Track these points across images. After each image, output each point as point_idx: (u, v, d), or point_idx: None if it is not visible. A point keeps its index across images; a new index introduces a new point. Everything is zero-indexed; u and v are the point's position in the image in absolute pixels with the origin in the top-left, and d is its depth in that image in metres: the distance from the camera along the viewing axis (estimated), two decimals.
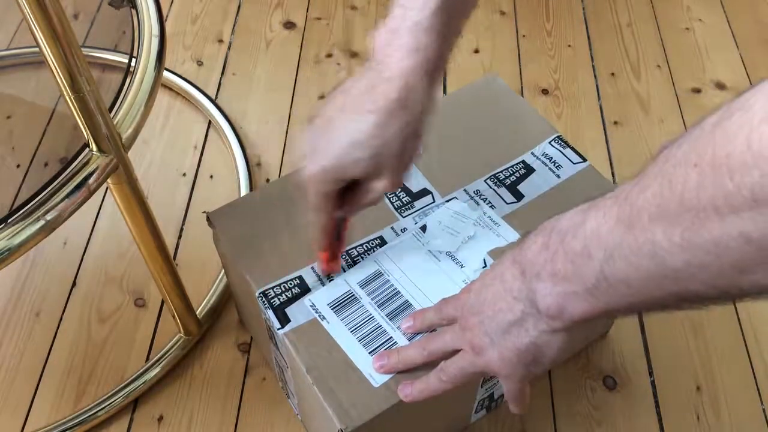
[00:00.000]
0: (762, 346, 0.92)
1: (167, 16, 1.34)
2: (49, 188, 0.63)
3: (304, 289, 0.69)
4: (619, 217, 0.39)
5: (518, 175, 0.78)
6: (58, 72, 0.59)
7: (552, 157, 0.79)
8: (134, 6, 0.76)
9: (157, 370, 0.88)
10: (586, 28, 1.31)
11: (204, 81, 1.23)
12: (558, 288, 0.44)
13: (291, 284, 0.70)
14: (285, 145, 1.14)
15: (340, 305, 0.68)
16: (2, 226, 0.60)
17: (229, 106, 1.19)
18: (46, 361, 0.92)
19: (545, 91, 1.21)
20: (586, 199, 0.43)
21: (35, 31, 0.56)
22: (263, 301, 0.69)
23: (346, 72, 1.24)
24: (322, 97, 1.21)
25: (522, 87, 1.22)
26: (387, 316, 0.67)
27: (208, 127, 1.17)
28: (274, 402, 0.88)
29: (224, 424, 0.86)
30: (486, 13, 1.34)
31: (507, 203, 0.75)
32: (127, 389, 0.87)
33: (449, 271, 0.70)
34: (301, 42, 1.29)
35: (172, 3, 1.36)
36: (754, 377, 0.90)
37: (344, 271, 0.70)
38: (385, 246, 0.72)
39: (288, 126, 1.17)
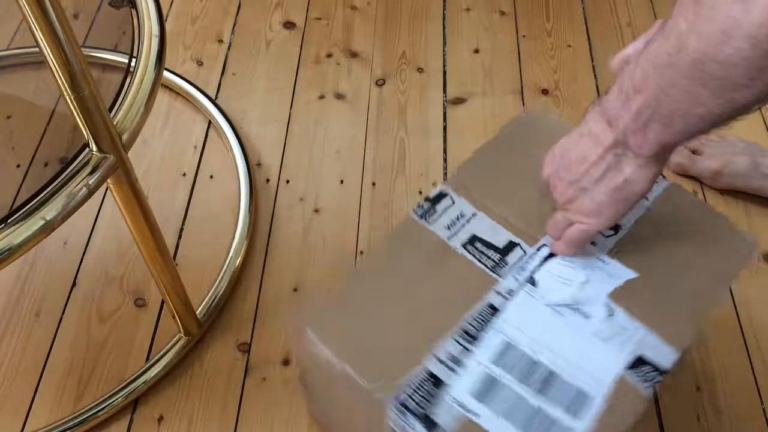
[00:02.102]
0: (762, 347, 0.92)
1: (167, 16, 1.34)
2: (49, 188, 0.63)
3: (437, 382, 0.60)
4: (666, 47, 0.46)
5: None
6: (58, 72, 0.59)
7: None
8: (134, 6, 0.76)
9: (157, 370, 0.88)
10: (586, 28, 1.31)
11: (204, 81, 1.23)
12: (639, 122, 0.51)
13: (420, 380, 0.60)
14: (285, 145, 1.14)
15: (483, 393, 0.59)
16: (2, 226, 0.60)
17: (229, 106, 1.19)
18: (46, 361, 0.92)
19: (545, 91, 1.21)
20: (679, 216, 0.49)
21: (35, 31, 0.56)
22: (400, 409, 0.59)
23: (346, 72, 1.24)
24: (322, 97, 1.21)
25: (522, 87, 1.22)
26: (538, 392, 0.59)
27: (208, 127, 1.17)
28: (274, 402, 0.88)
29: (224, 424, 0.86)
30: (486, 13, 1.34)
31: (606, 236, 0.70)
32: (127, 389, 0.87)
33: (578, 326, 0.63)
34: (301, 42, 1.29)
35: (172, 3, 1.36)
36: (754, 377, 0.90)
37: (467, 350, 0.62)
38: (499, 313, 0.64)
39: (288, 126, 1.17)
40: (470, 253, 0.67)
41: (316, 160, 1.12)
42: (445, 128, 1.16)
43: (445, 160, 1.12)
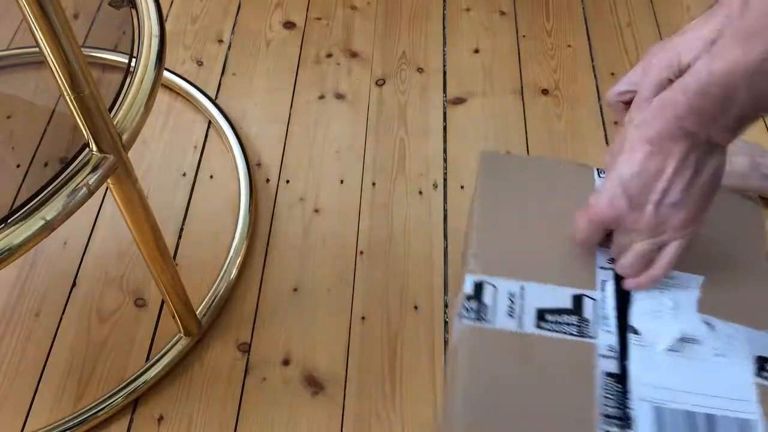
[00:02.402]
0: None
1: (167, 16, 1.34)
2: (49, 188, 0.63)
3: None
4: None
5: None
6: (58, 72, 0.59)
7: None
8: (134, 6, 0.76)
9: (157, 370, 0.88)
10: (586, 28, 1.31)
11: (204, 81, 1.23)
12: (737, 122, 0.51)
13: None
14: (285, 145, 1.14)
15: None
16: (2, 226, 0.60)
17: (229, 106, 1.19)
18: (46, 361, 0.92)
19: (545, 91, 1.21)
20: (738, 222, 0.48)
21: (35, 31, 0.56)
22: None
23: (346, 72, 1.24)
24: (322, 97, 1.21)
25: (522, 87, 1.22)
26: None
27: (208, 127, 1.17)
28: (274, 402, 0.88)
29: (224, 424, 0.86)
30: (486, 13, 1.34)
31: None
32: (127, 389, 0.87)
33: (697, 355, 0.61)
34: (301, 42, 1.30)
35: (172, 3, 1.36)
36: None
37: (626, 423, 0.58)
38: (624, 378, 0.60)
39: (288, 126, 1.17)
40: (549, 330, 0.62)
41: (316, 160, 1.12)
42: (445, 128, 1.16)
43: (445, 160, 1.12)
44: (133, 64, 0.72)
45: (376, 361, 0.91)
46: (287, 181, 1.10)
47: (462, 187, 1.08)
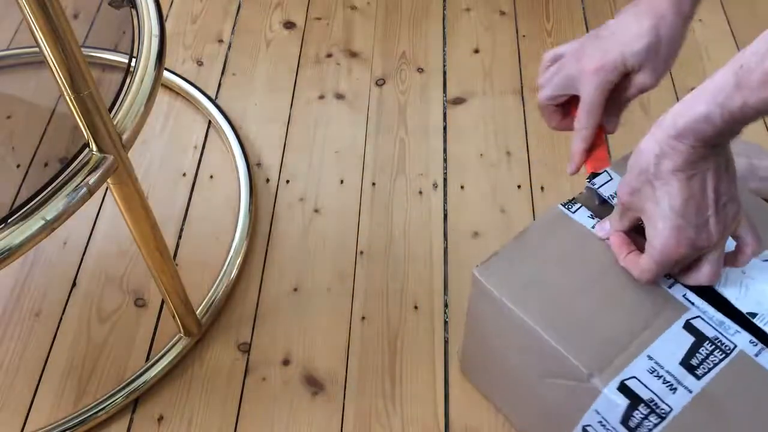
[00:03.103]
0: None
1: (167, 16, 1.34)
2: (49, 188, 0.63)
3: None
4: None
5: None
6: (58, 72, 0.59)
7: None
8: (134, 6, 0.76)
9: (157, 370, 0.88)
10: (586, 28, 1.31)
11: (204, 81, 1.23)
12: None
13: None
14: (285, 145, 1.14)
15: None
16: (2, 226, 0.60)
17: (229, 106, 1.19)
18: (46, 361, 0.92)
19: None
20: None
21: (35, 31, 0.56)
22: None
23: (347, 72, 1.24)
24: (322, 97, 1.21)
25: (522, 87, 1.22)
26: None
27: (208, 127, 1.17)
28: (274, 402, 0.88)
29: (224, 424, 0.86)
30: (486, 13, 1.34)
31: None
32: (127, 389, 0.87)
33: None
34: (301, 42, 1.29)
35: (172, 3, 1.36)
36: None
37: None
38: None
39: (288, 126, 1.17)
40: (706, 371, 0.61)
41: (316, 160, 1.12)
42: (445, 128, 1.16)
43: (445, 160, 1.12)
44: (133, 64, 0.72)
45: (376, 361, 0.91)
46: (287, 181, 1.10)
47: (462, 187, 1.08)
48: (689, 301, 0.64)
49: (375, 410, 0.87)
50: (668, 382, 0.60)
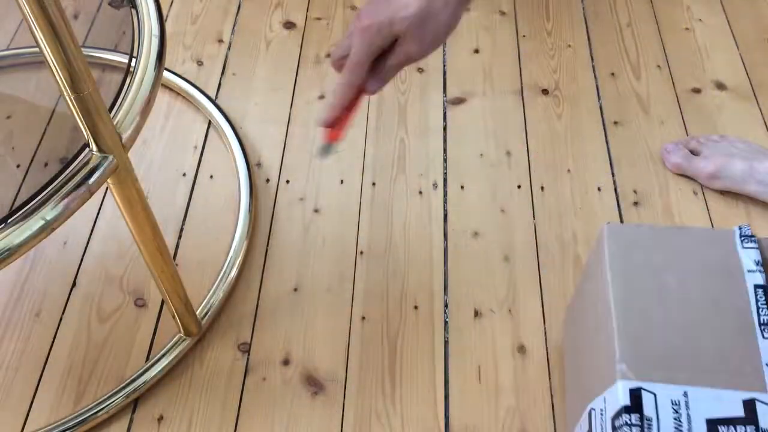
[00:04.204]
0: None
1: (167, 16, 1.34)
2: (49, 188, 0.63)
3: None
4: None
5: None
6: (58, 72, 0.59)
7: None
8: (134, 6, 0.76)
9: (157, 370, 0.88)
10: (586, 28, 1.31)
11: (204, 81, 1.23)
12: None
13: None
14: (285, 145, 1.14)
15: None
16: (2, 226, 0.60)
17: (229, 106, 1.19)
18: (46, 361, 0.92)
19: (545, 91, 1.21)
20: None
21: (35, 31, 0.56)
22: None
23: None
24: (322, 97, 1.21)
25: (522, 87, 1.22)
26: None
27: (208, 127, 1.17)
28: (274, 402, 0.88)
29: (224, 424, 0.86)
30: (486, 13, 1.34)
31: None
32: (127, 389, 0.87)
33: None
34: (301, 42, 1.30)
35: (172, 3, 1.36)
36: None
37: None
38: None
39: (288, 126, 1.17)
40: None
41: (316, 160, 1.12)
42: (445, 128, 1.16)
43: (445, 160, 1.12)
44: (133, 64, 0.72)
45: (376, 361, 0.91)
46: (287, 181, 1.10)
47: (462, 187, 1.08)
48: None
49: (375, 410, 0.87)
50: (680, 423, 0.55)
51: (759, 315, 0.60)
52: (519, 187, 1.08)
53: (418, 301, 0.96)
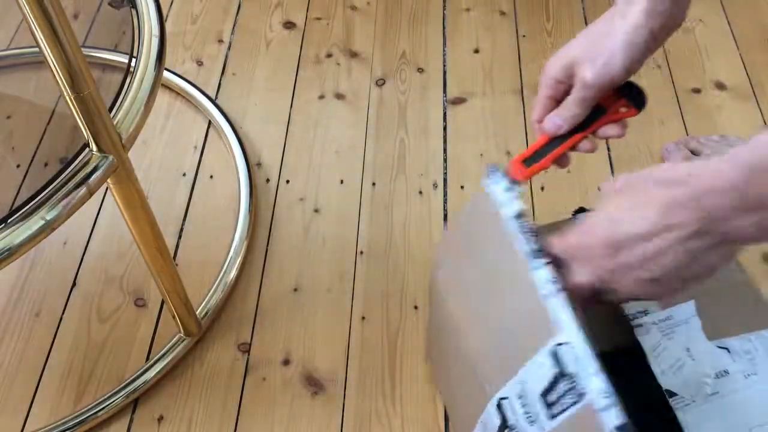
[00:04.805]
0: None
1: (167, 16, 1.34)
2: (49, 188, 0.63)
3: None
4: None
5: None
6: (58, 72, 0.59)
7: None
8: (134, 6, 0.76)
9: (157, 370, 0.88)
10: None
11: (204, 81, 1.23)
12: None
13: None
14: (285, 145, 1.14)
15: None
16: (2, 226, 0.60)
17: (229, 106, 1.19)
18: (46, 361, 0.92)
19: None
20: None
21: (35, 31, 0.56)
22: None
23: (347, 72, 1.24)
24: (322, 97, 1.21)
25: (522, 87, 1.21)
26: None
27: (208, 127, 1.17)
28: (274, 402, 0.88)
29: (224, 424, 0.86)
30: (486, 13, 1.34)
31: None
32: (127, 389, 0.87)
33: (731, 386, 0.59)
34: (301, 42, 1.29)
35: (172, 3, 1.36)
36: None
37: None
38: None
39: (288, 126, 1.17)
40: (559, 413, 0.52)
41: (316, 160, 1.12)
42: (445, 128, 1.16)
43: (445, 160, 1.12)
44: (133, 64, 0.72)
45: (376, 361, 0.91)
46: (287, 181, 1.10)
47: (462, 187, 1.08)
48: (562, 320, 0.51)
49: (375, 410, 0.87)
50: (529, 413, 0.53)
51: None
52: None
53: (418, 301, 0.96)
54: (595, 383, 0.48)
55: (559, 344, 0.50)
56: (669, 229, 0.46)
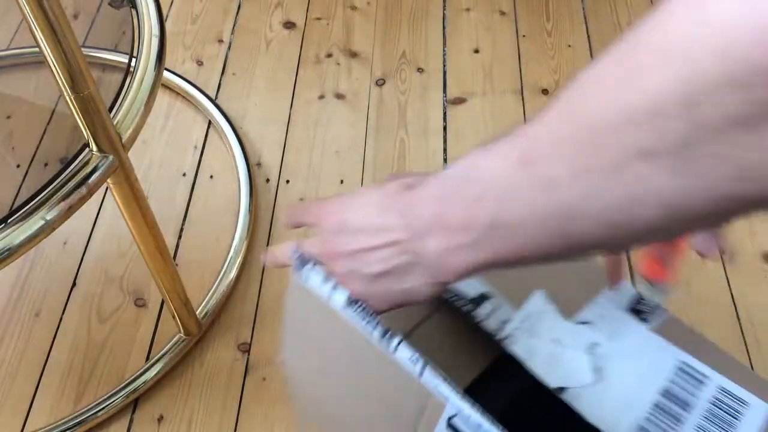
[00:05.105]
0: (762, 347, 0.92)
1: (167, 16, 1.34)
2: (49, 188, 0.63)
3: None
4: (519, 156, 0.35)
5: None
6: (58, 72, 0.59)
7: None
8: (134, 6, 0.76)
9: (157, 370, 0.88)
10: (586, 28, 1.31)
11: (204, 81, 1.23)
12: (450, 242, 0.40)
13: None
14: (285, 145, 1.14)
15: None
16: (2, 226, 0.60)
17: (229, 106, 1.19)
18: (46, 361, 0.92)
19: (545, 91, 1.21)
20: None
21: (35, 31, 0.56)
22: None
23: (347, 72, 1.24)
24: (322, 97, 1.21)
25: (522, 87, 1.22)
26: None
27: (208, 127, 1.17)
28: (274, 402, 0.88)
29: (224, 424, 0.86)
30: (486, 13, 1.34)
31: None
32: (127, 389, 0.87)
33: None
34: (301, 42, 1.30)
35: (172, 3, 1.36)
36: None
37: None
38: None
39: (288, 126, 1.17)
40: None
41: (316, 160, 1.12)
42: (445, 128, 1.16)
43: (445, 160, 1.12)
44: (133, 64, 0.72)
45: None
46: (287, 181, 1.10)
47: None
48: (441, 393, 0.48)
49: None
50: None
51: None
52: None
53: None
54: None
55: (451, 417, 0.48)
56: (380, 229, 0.44)
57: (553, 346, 0.57)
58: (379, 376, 0.52)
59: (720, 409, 0.53)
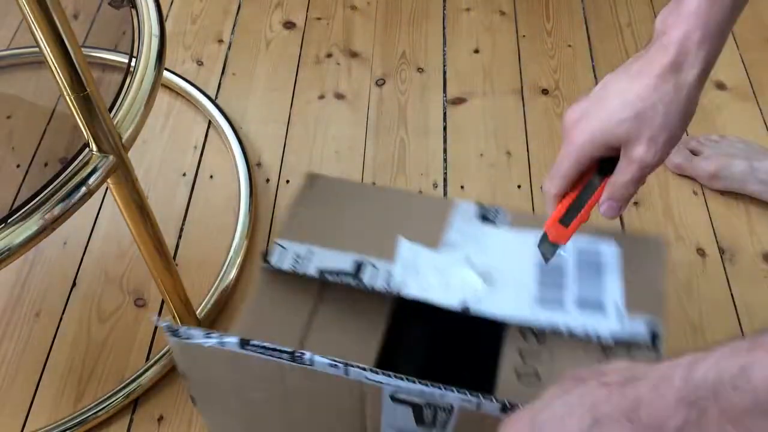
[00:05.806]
0: None
1: (167, 16, 1.34)
2: (49, 188, 0.63)
3: None
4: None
5: None
6: (58, 72, 0.59)
7: None
8: (134, 6, 0.76)
9: (157, 370, 0.88)
10: (586, 28, 1.31)
11: (204, 81, 1.23)
12: None
13: None
14: (285, 145, 1.14)
15: None
16: (2, 226, 0.60)
17: (229, 106, 1.19)
18: (46, 361, 0.92)
19: (545, 91, 1.21)
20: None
21: (35, 31, 0.56)
22: None
23: (347, 72, 1.24)
24: (322, 97, 1.21)
25: (522, 87, 1.22)
26: None
27: (208, 127, 1.17)
28: None
29: None
30: (486, 13, 1.34)
31: None
32: (127, 389, 0.87)
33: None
34: (301, 42, 1.30)
35: (172, 3, 1.36)
36: None
37: None
38: None
39: (288, 126, 1.17)
40: None
41: (316, 160, 1.12)
42: (445, 128, 1.16)
43: (445, 160, 1.12)
44: (133, 64, 0.72)
45: None
46: (287, 181, 1.10)
47: (462, 187, 1.08)
48: (372, 380, 0.51)
49: None
50: None
51: None
52: (519, 187, 1.08)
53: None
54: (454, 398, 0.49)
55: (393, 392, 0.51)
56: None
57: (438, 274, 0.60)
58: (304, 388, 0.54)
59: (585, 262, 0.61)
